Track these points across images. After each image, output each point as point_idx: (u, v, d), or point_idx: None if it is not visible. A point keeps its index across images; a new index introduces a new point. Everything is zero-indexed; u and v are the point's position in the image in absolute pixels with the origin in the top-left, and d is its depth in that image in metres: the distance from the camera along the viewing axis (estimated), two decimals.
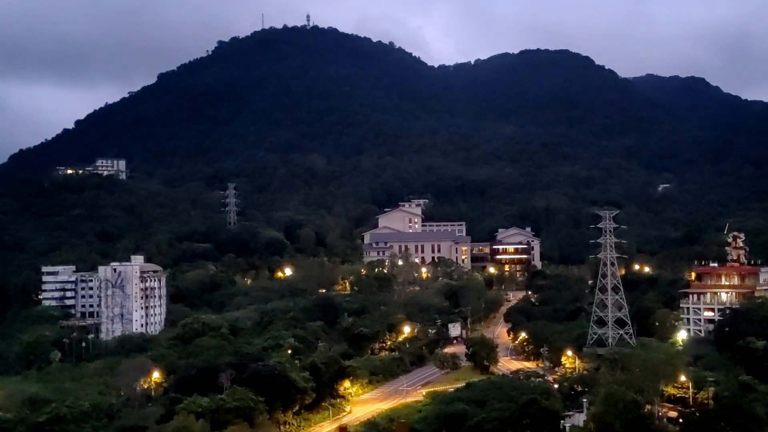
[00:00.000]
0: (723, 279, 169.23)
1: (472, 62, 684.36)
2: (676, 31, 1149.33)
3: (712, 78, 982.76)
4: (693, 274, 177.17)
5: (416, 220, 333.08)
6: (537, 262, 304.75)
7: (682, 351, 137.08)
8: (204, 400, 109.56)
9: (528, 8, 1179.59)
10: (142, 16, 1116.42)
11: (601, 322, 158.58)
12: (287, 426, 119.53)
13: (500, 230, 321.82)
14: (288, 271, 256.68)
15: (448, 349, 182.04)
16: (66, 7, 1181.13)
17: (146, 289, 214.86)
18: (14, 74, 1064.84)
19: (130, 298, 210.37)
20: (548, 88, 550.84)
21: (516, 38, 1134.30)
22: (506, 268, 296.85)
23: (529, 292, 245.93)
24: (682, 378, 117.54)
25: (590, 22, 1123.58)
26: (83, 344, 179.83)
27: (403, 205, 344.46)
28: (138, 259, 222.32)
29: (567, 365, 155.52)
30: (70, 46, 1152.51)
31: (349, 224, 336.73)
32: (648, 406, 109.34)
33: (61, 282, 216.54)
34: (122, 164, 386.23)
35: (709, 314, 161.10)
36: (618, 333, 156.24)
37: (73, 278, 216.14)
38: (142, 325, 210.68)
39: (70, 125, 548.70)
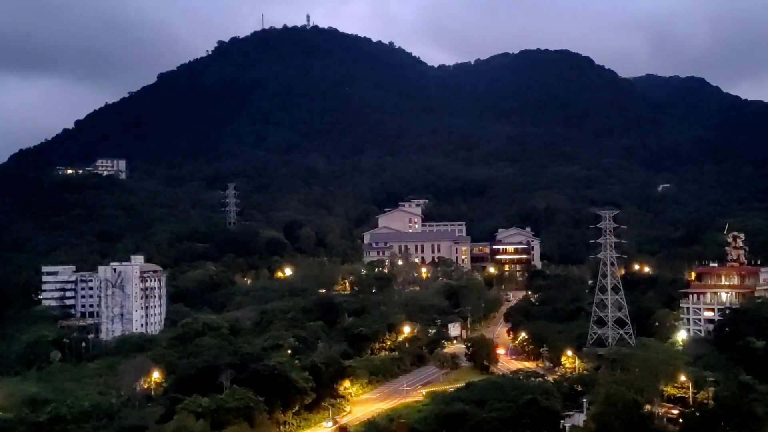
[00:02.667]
0: (723, 279, 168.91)
1: (472, 62, 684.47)
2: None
3: (712, 77, 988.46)
4: (693, 274, 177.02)
5: (416, 220, 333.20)
6: (537, 262, 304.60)
7: (682, 351, 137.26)
8: (204, 400, 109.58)
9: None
10: (141, 16, 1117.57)
11: (601, 322, 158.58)
12: (287, 426, 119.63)
13: (500, 230, 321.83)
14: (288, 271, 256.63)
15: (448, 349, 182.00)
16: (63, 5, 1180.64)
17: (146, 289, 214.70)
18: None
19: (130, 298, 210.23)
20: (548, 88, 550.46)
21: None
22: (506, 268, 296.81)
23: (529, 292, 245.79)
24: (682, 378, 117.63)
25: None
26: (83, 344, 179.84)
27: (403, 205, 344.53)
28: (138, 259, 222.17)
29: (567, 365, 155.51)
30: (70, 46, 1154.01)
31: (349, 224, 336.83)
32: (648, 406, 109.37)
33: (61, 282, 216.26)
34: (122, 164, 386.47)
35: (709, 314, 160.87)
36: (618, 333, 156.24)
37: (73, 278, 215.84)
38: (142, 325, 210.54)
39: (70, 125, 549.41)
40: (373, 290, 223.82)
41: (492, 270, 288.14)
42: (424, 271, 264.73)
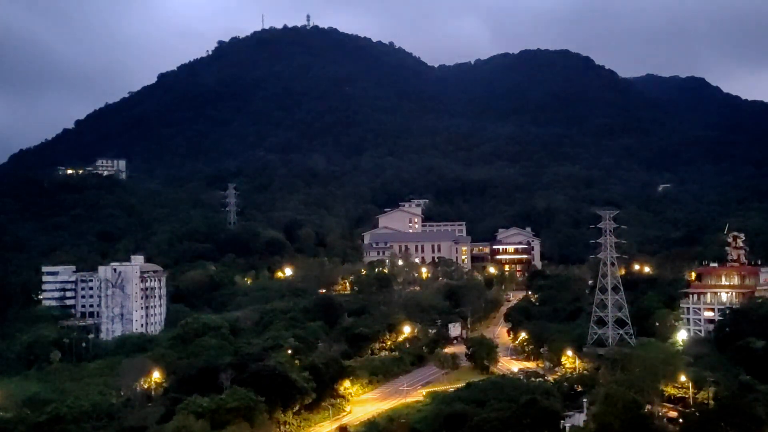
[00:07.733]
0: (723, 279, 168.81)
1: (472, 62, 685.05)
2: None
3: (712, 77, 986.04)
4: (693, 274, 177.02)
5: (416, 220, 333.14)
6: (537, 262, 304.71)
7: (682, 351, 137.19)
8: (204, 400, 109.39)
9: None
10: (141, 16, 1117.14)
11: (601, 322, 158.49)
12: (287, 426, 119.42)
13: (500, 230, 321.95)
14: (288, 271, 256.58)
15: (448, 349, 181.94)
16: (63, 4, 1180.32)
17: (146, 289, 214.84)
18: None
19: (130, 298, 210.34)
20: (548, 88, 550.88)
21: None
22: (506, 268, 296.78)
23: (529, 292, 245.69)
24: (682, 378, 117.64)
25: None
26: (83, 344, 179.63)
27: (403, 205, 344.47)
28: (138, 259, 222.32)
29: (567, 365, 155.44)
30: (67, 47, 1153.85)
31: (349, 224, 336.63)
32: (648, 406, 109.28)
33: (61, 282, 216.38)
34: (122, 164, 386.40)
35: (709, 314, 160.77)
36: (618, 333, 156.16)
37: (73, 278, 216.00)
38: (142, 325, 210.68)
39: (70, 125, 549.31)
40: (373, 290, 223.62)
41: (492, 270, 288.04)
42: (424, 271, 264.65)
